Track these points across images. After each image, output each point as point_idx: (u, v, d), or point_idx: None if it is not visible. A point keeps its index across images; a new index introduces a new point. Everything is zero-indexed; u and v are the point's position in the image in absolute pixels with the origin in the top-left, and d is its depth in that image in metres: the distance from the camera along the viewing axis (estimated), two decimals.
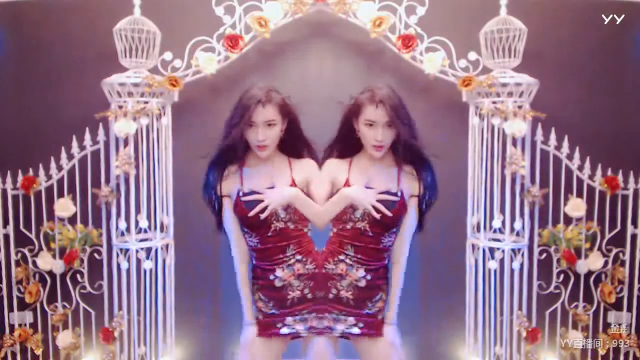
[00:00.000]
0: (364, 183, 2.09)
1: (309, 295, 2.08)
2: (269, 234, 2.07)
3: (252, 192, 2.07)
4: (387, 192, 2.07)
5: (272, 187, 2.08)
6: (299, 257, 2.08)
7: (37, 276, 2.87)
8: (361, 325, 2.09)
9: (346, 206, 2.08)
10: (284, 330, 2.09)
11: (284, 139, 2.13)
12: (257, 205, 2.04)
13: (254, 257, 2.12)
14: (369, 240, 2.07)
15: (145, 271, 2.71)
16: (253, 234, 2.08)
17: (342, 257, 2.08)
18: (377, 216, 2.04)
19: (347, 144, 2.17)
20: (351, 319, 2.09)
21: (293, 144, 2.17)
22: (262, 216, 2.04)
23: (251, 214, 2.04)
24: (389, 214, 2.04)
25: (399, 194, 2.08)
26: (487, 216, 2.74)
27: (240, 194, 2.07)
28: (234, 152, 2.07)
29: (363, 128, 2.06)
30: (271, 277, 2.08)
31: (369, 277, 2.08)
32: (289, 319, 2.09)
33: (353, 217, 2.08)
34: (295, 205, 2.08)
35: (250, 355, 2.09)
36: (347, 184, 2.11)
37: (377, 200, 2.05)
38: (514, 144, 2.64)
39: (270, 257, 2.08)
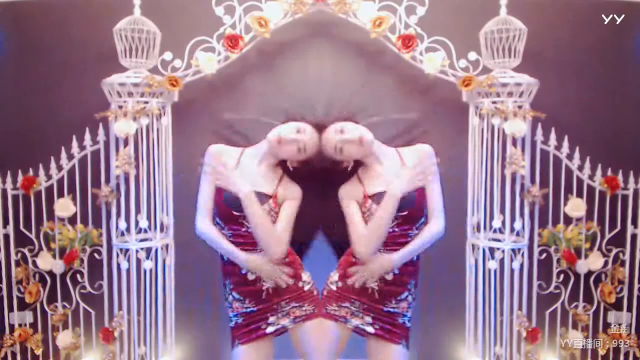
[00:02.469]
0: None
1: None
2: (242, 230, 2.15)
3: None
4: None
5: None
6: None
7: (37, 276, 2.87)
8: (377, 326, 2.12)
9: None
10: (270, 329, 2.12)
11: None
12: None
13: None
14: (396, 236, 2.14)
15: (145, 271, 2.71)
16: (225, 227, 2.16)
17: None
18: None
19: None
20: (368, 318, 2.12)
21: None
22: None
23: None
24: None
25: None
26: (487, 216, 2.74)
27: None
28: None
29: None
30: (243, 271, 2.14)
31: (396, 270, 2.14)
32: (271, 318, 2.12)
33: None
34: (244, 204, 2.08)
35: None
36: (365, 197, 2.14)
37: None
38: (514, 144, 2.64)
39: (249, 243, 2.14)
